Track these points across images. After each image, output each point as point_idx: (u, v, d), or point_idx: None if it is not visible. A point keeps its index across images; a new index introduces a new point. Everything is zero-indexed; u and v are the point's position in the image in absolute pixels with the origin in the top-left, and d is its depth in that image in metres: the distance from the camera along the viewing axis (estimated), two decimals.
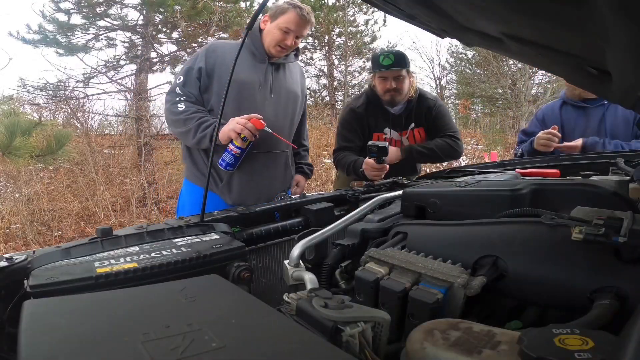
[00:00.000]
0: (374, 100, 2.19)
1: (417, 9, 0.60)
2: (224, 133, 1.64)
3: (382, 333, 0.53)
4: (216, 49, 1.76)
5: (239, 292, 0.57)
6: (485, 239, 0.72)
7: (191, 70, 1.73)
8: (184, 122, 1.70)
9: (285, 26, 1.73)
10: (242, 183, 1.78)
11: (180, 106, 1.70)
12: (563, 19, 0.42)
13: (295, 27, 1.74)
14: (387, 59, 2.06)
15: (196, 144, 1.72)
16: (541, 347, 0.41)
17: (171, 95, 1.75)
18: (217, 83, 1.73)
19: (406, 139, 2.23)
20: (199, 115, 1.69)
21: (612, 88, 0.68)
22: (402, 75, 2.09)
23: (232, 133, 1.61)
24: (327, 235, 0.92)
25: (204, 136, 1.67)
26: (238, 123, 1.59)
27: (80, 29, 6.22)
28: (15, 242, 4.70)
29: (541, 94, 10.70)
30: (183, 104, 1.71)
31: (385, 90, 2.11)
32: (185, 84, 1.73)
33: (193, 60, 1.77)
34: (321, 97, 12.09)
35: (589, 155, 1.82)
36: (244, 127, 1.59)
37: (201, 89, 1.74)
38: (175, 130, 1.80)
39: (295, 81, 1.94)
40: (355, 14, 11.37)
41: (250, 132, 1.60)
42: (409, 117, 2.20)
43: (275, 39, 1.74)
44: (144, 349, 0.39)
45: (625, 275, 0.58)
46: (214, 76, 1.73)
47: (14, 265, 0.74)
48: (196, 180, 1.82)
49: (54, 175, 6.31)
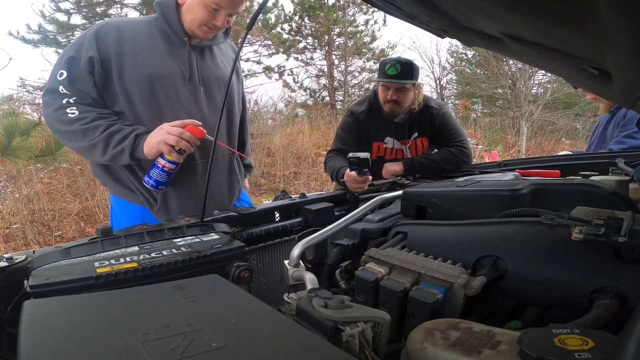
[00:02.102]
0: (376, 108, 2.11)
1: (417, 9, 0.60)
2: (150, 146, 1.24)
3: (382, 333, 0.53)
4: (109, 31, 1.29)
5: (239, 292, 0.57)
6: (485, 239, 0.72)
7: (76, 61, 1.25)
8: (83, 134, 1.25)
9: (215, 1, 1.29)
10: (181, 201, 1.40)
11: (72, 111, 1.24)
12: (563, 19, 0.42)
13: (227, 3, 1.31)
14: (393, 69, 1.97)
15: (109, 161, 1.29)
16: (541, 347, 0.41)
17: (52, 96, 1.26)
18: (118, 80, 1.28)
19: (408, 148, 2.16)
20: (105, 123, 1.26)
21: (612, 88, 0.68)
22: (406, 87, 2.00)
23: (164, 146, 1.22)
24: (327, 235, 0.92)
25: (120, 151, 1.25)
26: (170, 133, 1.21)
27: (80, 29, 6.22)
28: (15, 242, 4.70)
29: (541, 94, 10.71)
30: (75, 108, 1.25)
31: (385, 100, 2.04)
32: (72, 81, 1.25)
33: (76, 48, 1.27)
34: (321, 97, 12.09)
35: (589, 155, 1.82)
36: (180, 139, 1.21)
37: (98, 85, 1.28)
38: (72, 144, 1.32)
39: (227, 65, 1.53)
40: (355, 14, 11.36)
41: (187, 143, 1.24)
42: (412, 126, 2.13)
43: (199, 18, 1.32)
44: (143, 349, 0.39)
45: (625, 275, 0.58)
46: (111, 69, 1.27)
47: (14, 265, 0.75)
48: (126, 197, 1.42)
49: (54, 175, 6.31)
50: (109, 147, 1.26)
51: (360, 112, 2.13)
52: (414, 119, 2.12)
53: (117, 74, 1.28)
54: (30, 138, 3.01)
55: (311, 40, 11.56)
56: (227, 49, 1.58)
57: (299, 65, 11.44)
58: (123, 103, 1.32)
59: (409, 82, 1.99)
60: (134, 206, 1.43)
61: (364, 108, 2.14)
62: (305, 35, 11.41)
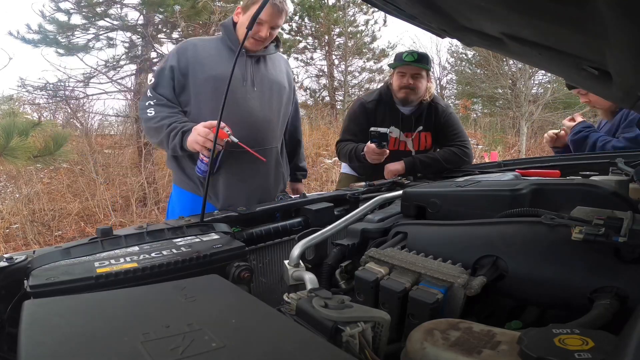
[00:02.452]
0: (386, 98, 2.18)
1: (417, 9, 0.60)
2: (189, 143, 1.49)
3: (382, 333, 0.53)
4: (188, 46, 1.65)
5: (239, 292, 0.57)
6: (485, 239, 0.72)
7: (163, 70, 1.61)
8: (155, 131, 1.57)
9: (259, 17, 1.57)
10: (230, 185, 1.65)
11: (150, 112, 1.57)
12: (563, 19, 0.42)
13: (269, 17, 1.59)
14: (410, 56, 2.08)
15: (172, 153, 1.61)
16: (541, 347, 0.41)
17: (142, 100, 1.62)
18: (192, 82, 1.61)
19: (411, 141, 2.20)
20: (168, 122, 1.55)
21: (612, 88, 0.68)
22: (421, 74, 2.09)
23: (196, 145, 1.46)
24: (327, 235, 0.92)
25: (175, 146, 1.53)
26: (200, 135, 1.44)
27: (80, 29, 6.22)
28: (15, 242, 4.70)
29: (541, 94, 10.71)
30: (152, 109, 1.57)
31: (401, 86, 2.10)
32: (156, 86, 1.60)
33: (165, 61, 1.65)
34: (321, 97, 12.09)
35: (589, 155, 1.82)
36: (206, 139, 1.43)
37: (176, 89, 1.61)
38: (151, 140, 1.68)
39: (279, 72, 1.81)
40: (355, 14, 11.36)
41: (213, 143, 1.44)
42: (419, 120, 2.18)
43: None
44: (143, 349, 0.39)
45: (625, 275, 0.58)
46: (188, 75, 1.60)
47: (14, 265, 0.74)
48: (185, 185, 1.71)
49: (54, 175, 6.31)
50: (169, 142, 1.54)
51: (370, 101, 2.20)
52: (421, 112, 2.17)
53: (192, 78, 1.60)
54: (30, 138, 3.00)
55: (311, 40, 11.56)
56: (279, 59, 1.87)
57: (299, 65, 11.46)
58: (193, 101, 1.61)
59: (425, 67, 2.09)
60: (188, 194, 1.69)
61: (374, 97, 2.21)
62: (305, 35, 11.41)
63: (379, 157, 1.93)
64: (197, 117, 1.57)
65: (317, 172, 7.21)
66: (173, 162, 1.72)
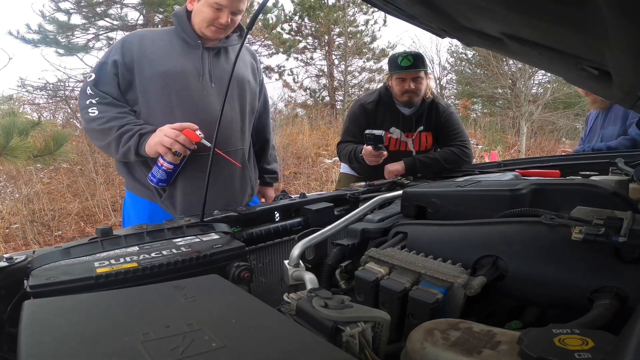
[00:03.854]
0: (386, 99, 2.18)
1: (417, 9, 0.60)
2: (150, 146, 1.33)
3: (382, 333, 0.53)
4: (134, 39, 1.45)
5: (239, 292, 0.57)
6: (485, 239, 0.72)
7: (104, 65, 1.41)
8: (101, 133, 1.37)
9: (215, 1, 1.39)
10: (188, 192, 1.45)
11: (93, 112, 1.36)
12: (563, 19, 0.42)
13: (229, 1, 1.40)
14: (405, 60, 2.06)
15: (121, 158, 1.42)
16: (541, 347, 0.41)
17: (82, 97, 1.40)
18: (139, 79, 1.42)
19: (412, 141, 2.20)
20: (118, 124, 1.36)
21: (612, 88, 0.68)
22: (421, 76, 2.09)
23: (160, 147, 1.30)
24: (327, 235, 0.92)
25: (127, 150, 1.35)
26: (167, 136, 1.29)
27: (80, 29, 6.23)
28: (15, 242, 4.70)
29: (541, 94, 10.71)
30: (95, 108, 1.36)
31: (403, 91, 2.10)
32: (98, 83, 1.39)
33: (107, 54, 1.44)
34: (321, 97, 12.09)
35: (589, 155, 1.82)
36: (175, 141, 1.29)
37: (121, 87, 1.42)
38: (95, 143, 1.47)
39: (243, 65, 1.62)
40: (355, 14, 11.37)
41: (182, 146, 1.30)
42: (419, 120, 2.19)
43: (206, 19, 1.42)
44: (143, 349, 0.39)
45: (625, 275, 0.58)
46: (134, 70, 1.42)
47: (14, 265, 0.74)
48: (138, 192, 1.52)
49: (54, 175, 6.31)
50: (119, 146, 1.36)
51: (370, 102, 2.20)
52: (421, 112, 2.17)
53: (138, 74, 1.42)
54: (29, 138, 3.00)
55: (311, 40, 11.56)
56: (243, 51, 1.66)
57: (299, 65, 11.46)
58: (141, 100, 1.43)
59: (423, 69, 2.10)
60: (143, 201, 1.52)
61: (374, 98, 2.21)
62: (305, 35, 11.41)
63: (376, 159, 1.93)
64: (147, 117, 1.43)
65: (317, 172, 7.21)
66: (123, 168, 1.53)
